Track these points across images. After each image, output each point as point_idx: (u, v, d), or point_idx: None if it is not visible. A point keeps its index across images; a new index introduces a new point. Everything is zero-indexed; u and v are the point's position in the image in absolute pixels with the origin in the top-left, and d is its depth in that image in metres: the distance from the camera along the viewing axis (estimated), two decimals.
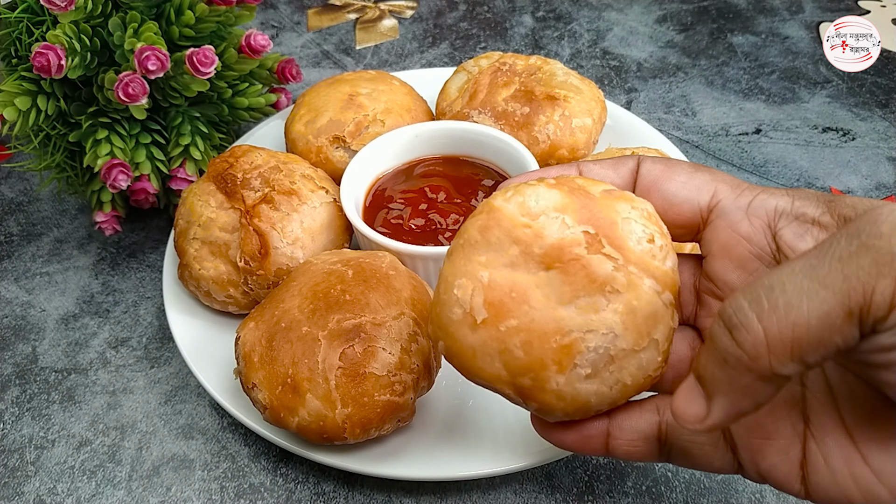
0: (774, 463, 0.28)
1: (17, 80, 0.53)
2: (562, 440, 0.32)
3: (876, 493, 0.25)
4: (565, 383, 0.28)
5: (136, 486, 0.48)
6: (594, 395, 0.29)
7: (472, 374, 0.30)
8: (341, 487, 0.47)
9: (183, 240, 0.52)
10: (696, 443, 0.29)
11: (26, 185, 0.72)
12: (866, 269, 0.22)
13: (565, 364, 0.28)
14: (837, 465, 0.26)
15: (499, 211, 0.29)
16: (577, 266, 0.28)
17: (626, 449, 0.30)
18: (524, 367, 0.28)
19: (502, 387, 0.29)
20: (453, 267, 0.30)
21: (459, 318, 0.29)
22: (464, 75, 0.64)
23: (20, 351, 0.57)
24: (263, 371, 0.43)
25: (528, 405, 0.30)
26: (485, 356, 0.29)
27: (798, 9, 0.90)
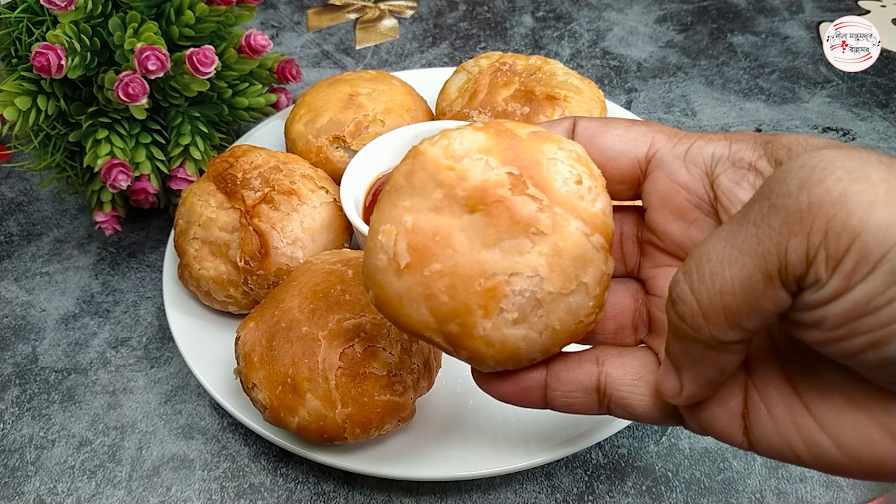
0: (715, 413, 0.27)
1: (17, 80, 0.53)
2: (500, 392, 0.31)
3: (819, 443, 0.25)
4: (492, 328, 0.28)
5: (136, 486, 0.48)
6: (523, 340, 0.28)
7: (400, 322, 0.29)
8: (341, 487, 0.47)
9: (183, 240, 0.52)
10: (635, 395, 0.29)
11: (26, 185, 0.72)
12: (777, 230, 0.21)
13: (491, 308, 0.27)
14: (780, 414, 0.26)
15: (423, 155, 0.28)
16: (500, 208, 0.27)
17: (564, 401, 0.30)
18: (450, 312, 0.28)
19: (431, 334, 0.29)
20: (380, 214, 0.29)
21: (384, 264, 0.28)
22: (464, 75, 0.64)
23: (20, 351, 0.57)
24: (263, 371, 0.43)
25: (459, 353, 0.29)
26: (411, 302, 0.28)
27: (798, 9, 0.90)
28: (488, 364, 0.29)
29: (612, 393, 0.29)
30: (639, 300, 0.32)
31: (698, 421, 0.28)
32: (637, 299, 0.32)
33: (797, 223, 0.21)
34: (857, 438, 0.24)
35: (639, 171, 0.30)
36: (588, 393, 0.30)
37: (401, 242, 0.28)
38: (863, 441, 0.24)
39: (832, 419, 0.25)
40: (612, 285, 0.31)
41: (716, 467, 0.47)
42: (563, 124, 0.32)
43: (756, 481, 0.46)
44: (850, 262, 0.20)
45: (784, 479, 0.46)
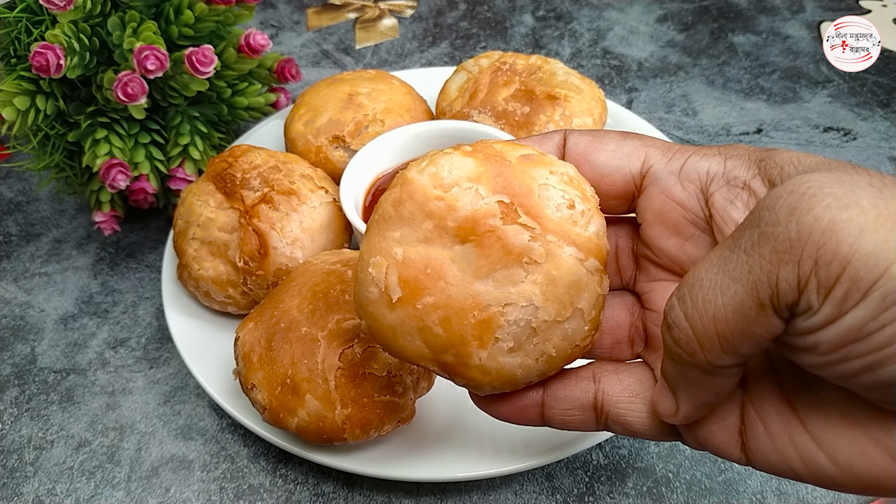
0: (712, 430, 0.27)
1: (15, 80, 0.53)
2: (498, 412, 0.31)
3: (816, 460, 0.25)
4: (488, 358, 0.28)
5: (135, 487, 0.48)
6: (519, 367, 0.28)
7: (395, 352, 0.29)
8: (341, 488, 0.47)
9: (182, 240, 0.52)
10: (632, 412, 0.29)
11: (25, 185, 0.72)
12: (768, 259, 0.22)
13: (486, 339, 0.27)
14: (777, 431, 0.26)
15: (412, 183, 0.28)
16: (492, 238, 0.27)
17: (562, 419, 0.30)
18: (445, 343, 0.28)
19: (426, 364, 0.29)
20: (369, 244, 0.29)
21: (376, 297, 0.28)
22: (464, 75, 0.64)
23: (19, 351, 0.57)
24: (263, 371, 0.43)
25: (456, 380, 0.29)
26: (405, 334, 0.28)
27: (799, 8, 0.90)
28: (485, 390, 0.29)
29: (609, 410, 0.29)
30: (635, 314, 0.32)
31: (695, 438, 0.28)
32: (633, 313, 0.32)
33: (787, 252, 0.21)
34: (854, 456, 0.24)
35: (633, 186, 0.30)
36: (585, 410, 0.30)
37: (392, 276, 0.28)
38: (860, 459, 0.24)
39: (829, 436, 0.25)
40: (608, 299, 0.31)
41: (716, 468, 0.47)
42: (553, 138, 0.31)
43: (757, 482, 0.46)
44: (841, 289, 0.20)
45: (785, 481, 0.46)
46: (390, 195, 0.29)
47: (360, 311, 0.29)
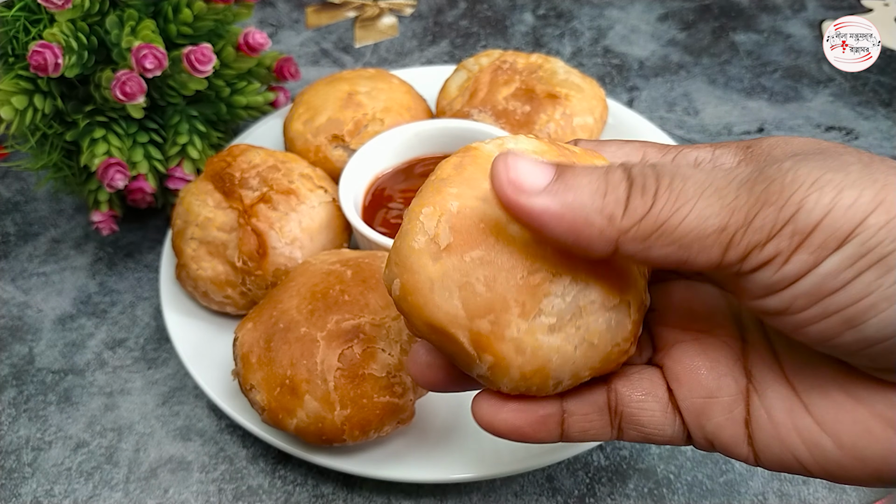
0: (720, 423, 0.27)
1: (13, 79, 0.52)
2: (513, 422, 0.28)
3: (820, 444, 0.24)
4: (527, 331, 0.26)
5: (133, 488, 0.47)
6: (556, 352, 0.26)
7: (425, 314, 0.26)
8: (340, 489, 0.47)
9: (180, 239, 0.52)
10: (645, 410, 0.28)
11: (23, 185, 0.72)
12: (755, 196, 0.22)
13: (529, 308, 0.26)
14: (780, 417, 0.25)
15: (476, 150, 0.28)
16: None
17: (582, 425, 0.29)
18: (485, 306, 0.26)
19: (456, 331, 0.26)
20: (422, 199, 0.27)
21: (422, 245, 0.26)
22: (464, 73, 0.64)
23: (17, 352, 0.57)
24: (261, 372, 0.42)
25: (482, 359, 0.26)
26: (443, 290, 0.26)
27: (801, 7, 0.90)
28: (511, 377, 0.27)
29: (622, 410, 0.29)
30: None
31: (704, 433, 0.27)
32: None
33: (777, 194, 0.21)
34: (858, 435, 0.24)
35: None
36: (602, 414, 0.29)
37: (444, 224, 0.26)
38: (864, 437, 0.24)
39: (831, 416, 0.24)
40: None
41: (718, 469, 0.46)
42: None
43: (759, 483, 0.46)
44: (819, 236, 0.21)
45: (787, 482, 0.46)
46: (451, 160, 0.28)
47: (398, 267, 0.27)
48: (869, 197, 0.21)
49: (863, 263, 0.21)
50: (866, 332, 0.21)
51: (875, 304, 0.21)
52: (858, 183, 0.21)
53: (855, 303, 0.21)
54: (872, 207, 0.21)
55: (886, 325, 0.21)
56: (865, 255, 0.21)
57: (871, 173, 0.21)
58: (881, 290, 0.21)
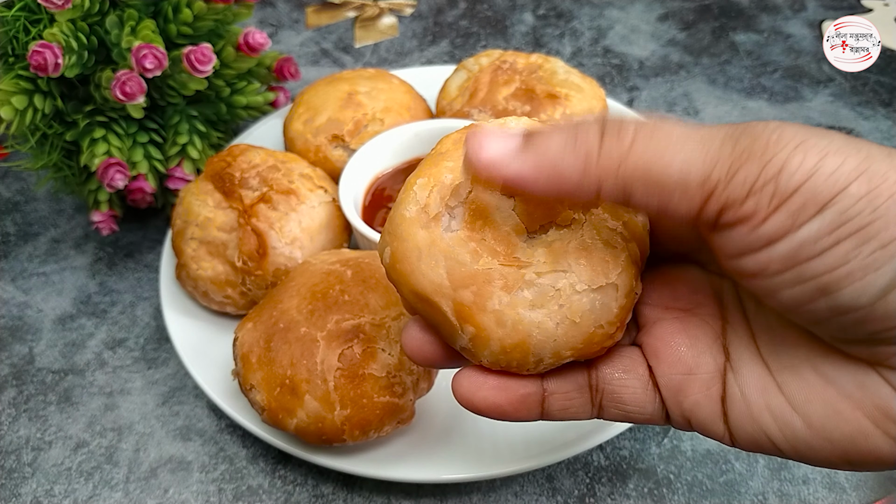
0: (697, 400, 0.27)
1: (13, 79, 0.52)
2: (493, 400, 0.28)
3: (791, 424, 0.25)
4: (508, 304, 0.26)
5: (133, 488, 0.47)
6: (537, 328, 0.26)
7: (411, 282, 0.27)
8: (340, 489, 0.47)
9: (180, 239, 0.52)
10: (626, 387, 0.28)
11: (23, 185, 0.72)
12: (739, 151, 0.21)
13: (513, 281, 0.26)
14: (753, 396, 0.26)
15: (476, 126, 0.28)
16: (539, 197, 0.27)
17: (563, 403, 0.29)
18: (469, 276, 0.26)
19: (440, 300, 0.26)
20: (419, 171, 0.28)
21: (413, 214, 0.27)
22: (464, 73, 0.64)
23: (17, 352, 0.57)
24: (261, 372, 0.42)
25: (464, 330, 0.27)
26: (430, 258, 0.26)
27: (801, 7, 0.90)
28: (491, 350, 0.27)
29: (603, 388, 0.28)
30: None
31: (682, 410, 0.27)
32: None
33: (761, 151, 0.21)
34: (827, 415, 0.24)
35: None
36: (582, 391, 0.29)
37: (435, 194, 0.27)
38: (833, 418, 0.24)
39: (802, 396, 0.24)
40: None
41: (718, 469, 0.46)
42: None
43: (759, 483, 0.45)
44: (799, 199, 0.21)
45: (787, 481, 0.46)
46: (451, 136, 0.28)
47: (389, 236, 0.28)
48: (852, 165, 0.21)
49: (842, 232, 0.21)
50: (840, 301, 0.21)
51: (851, 273, 0.21)
52: (843, 150, 0.21)
53: (831, 271, 0.21)
54: (855, 176, 0.21)
55: (860, 294, 0.21)
56: (844, 223, 0.21)
57: (856, 144, 0.21)
58: (858, 259, 0.21)
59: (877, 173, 0.21)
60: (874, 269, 0.21)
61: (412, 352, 0.29)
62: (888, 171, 0.21)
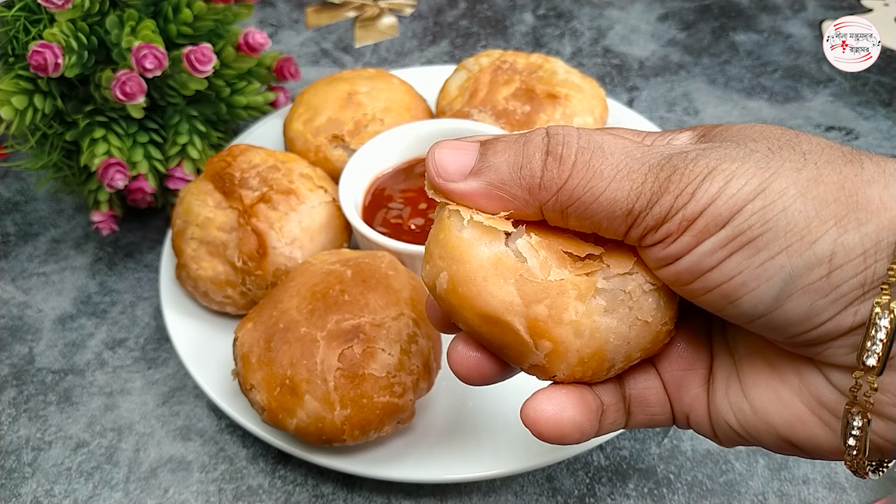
0: (697, 394, 0.28)
1: (13, 79, 0.52)
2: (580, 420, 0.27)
3: (742, 410, 0.27)
4: (585, 314, 0.26)
5: (133, 488, 0.47)
6: (613, 333, 0.26)
7: (478, 304, 0.26)
8: (340, 489, 0.47)
9: (180, 239, 0.52)
10: (650, 388, 0.29)
11: (23, 185, 0.71)
12: (660, 183, 0.24)
13: (585, 291, 0.26)
14: (720, 386, 0.28)
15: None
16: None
17: (613, 414, 0.29)
18: (541, 290, 0.25)
19: (512, 319, 0.26)
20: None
21: (470, 235, 0.26)
22: (464, 73, 0.64)
23: (17, 352, 0.57)
24: (262, 372, 0.42)
25: (539, 346, 0.26)
26: (497, 278, 0.25)
27: (801, 7, 0.90)
28: (568, 362, 0.26)
29: (630, 393, 0.29)
30: None
31: (682, 405, 0.29)
32: None
33: (675, 183, 0.23)
34: (770, 400, 0.26)
35: None
36: (619, 401, 0.29)
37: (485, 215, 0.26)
38: (774, 402, 0.26)
39: (751, 383, 0.27)
40: None
41: (718, 469, 0.46)
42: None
43: (758, 483, 0.45)
44: (702, 222, 0.23)
45: (787, 481, 0.46)
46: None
47: (443, 260, 0.26)
48: (753, 185, 0.22)
49: (733, 245, 0.23)
50: (742, 308, 0.24)
51: (745, 283, 0.23)
52: (750, 171, 0.23)
53: (728, 280, 0.23)
54: (754, 195, 0.22)
55: (758, 303, 0.23)
56: (736, 237, 0.23)
57: (769, 161, 0.23)
58: (749, 269, 0.23)
59: (774, 190, 0.22)
60: (766, 279, 0.23)
61: (467, 372, 0.29)
62: (787, 187, 0.22)
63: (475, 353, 0.28)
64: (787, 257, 0.22)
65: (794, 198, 0.22)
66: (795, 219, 0.22)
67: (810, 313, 0.23)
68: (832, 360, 0.24)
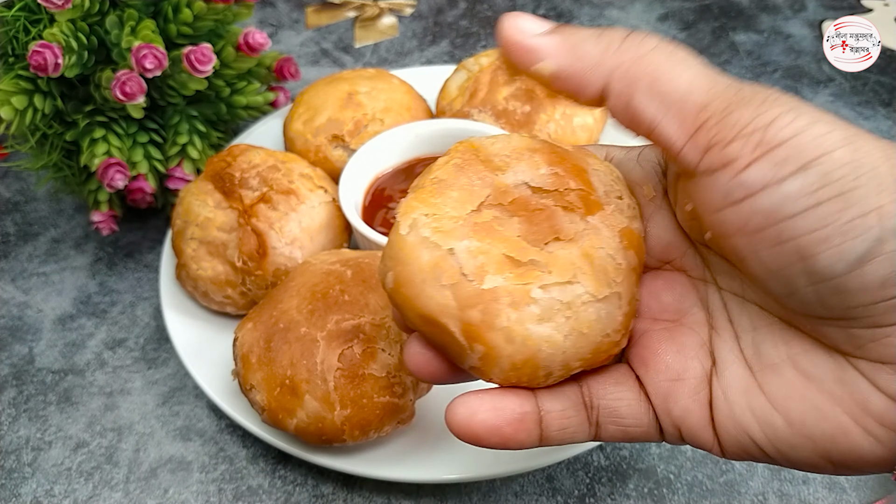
0: (686, 406, 0.26)
1: (13, 79, 0.52)
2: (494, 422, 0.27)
3: (772, 423, 0.24)
4: (517, 321, 0.26)
5: (133, 488, 0.47)
6: (546, 341, 0.26)
7: (418, 305, 0.27)
8: (340, 490, 0.47)
9: (180, 240, 0.52)
10: (622, 399, 0.28)
11: (23, 185, 0.71)
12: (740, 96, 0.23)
13: (519, 298, 0.26)
14: (736, 397, 0.25)
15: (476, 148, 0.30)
16: (541, 216, 0.27)
17: (560, 422, 0.28)
18: (475, 295, 0.26)
19: (447, 321, 0.26)
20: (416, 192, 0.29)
21: (414, 238, 0.27)
22: (464, 73, 0.64)
23: (17, 352, 0.57)
24: (261, 372, 0.42)
25: (473, 349, 0.26)
26: (435, 282, 0.26)
27: (801, 7, 0.90)
28: (501, 367, 0.27)
29: (598, 403, 0.28)
30: None
31: (672, 418, 0.27)
32: None
33: (758, 102, 0.22)
34: (807, 412, 0.24)
35: None
36: (578, 409, 0.28)
37: (436, 217, 0.27)
38: (812, 414, 0.24)
39: (783, 394, 0.24)
40: None
41: (718, 469, 0.46)
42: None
43: (759, 483, 0.46)
44: (783, 152, 0.21)
45: (787, 482, 0.46)
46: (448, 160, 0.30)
47: (391, 259, 0.27)
48: (840, 135, 0.21)
49: (823, 193, 0.21)
50: (816, 266, 0.21)
51: (829, 238, 0.21)
52: (833, 123, 0.22)
53: (810, 232, 0.21)
54: (841, 144, 0.21)
55: (837, 261, 0.21)
56: (827, 185, 0.21)
57: (846, 124, 0.22)
58: (837, 224, 0.21)
59: (861, 147, 0.21)
60: (852, 236, 0.21)
61: (417, 369, 0.29)
62: (872, 148, 0.21)
63: (427, 351, 0.28)
64: (878, 218, 0.20)
65: (881, 160, 0.21)
66: (885, 181, 0.21)
67: (887, 281, 0.21)
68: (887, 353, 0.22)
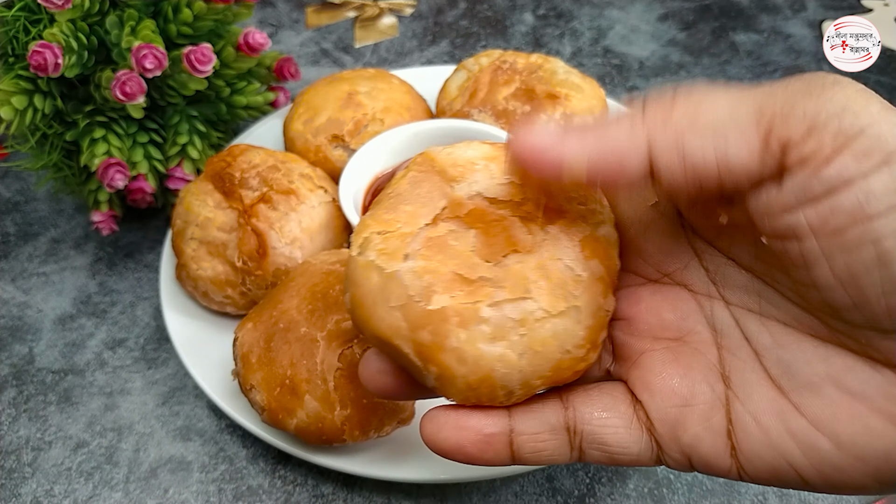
0: (697, 433, 0.24)
1: (13, 79, 0.52)
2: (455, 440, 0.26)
3: (816, 446, 0.23)
4: (467, 341, 0.25)
5: (133, 488, 0.47)
6: (499, 361, 0.25)
7: (371, 327, 0.26)
8: (340, 490, 0.47)
9: (180, 240, 0.52)
10: (607, 427, 0.26)
11: (23, 185, 0.71)
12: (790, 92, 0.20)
13: (468, 317, 0.25)
14: (770, 422, 0.23)
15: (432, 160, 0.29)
16: (497, 228, 0.26)
17: (533, 445, 0.26)
18: (424, 316, 0.25)
19: (401, 343, 0.26)
20: (371, 213, 0.28)
21: (366, 259, 0.26)
22: (464, 73, 0.64)
23: (17, 352, 0.57)
24: (261, 372, 0.42)
25: (429, 370, 0.26)
26: (385, 303, 0.26)
27: (801, 7, 0.90)
28: (457, 387, 0.26)
29: (582, 429, 0.26)
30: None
31: (681, 447, 0.25)
32: None
33: (818, 89, 0.19)
34: (858, 432, 0.22)
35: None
36: (557, 433, 0.26)
37: (388, 238, 0.27)
38: (864, 434, 0.22)
39: (827, 415, 0.23)
40: None
41: None
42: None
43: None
44: (864, 142, 0.18)
45: None
46: (406, 175, 0.29)
47: (348, 280, 0.27)
48: None
49: None
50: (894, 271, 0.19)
51: None
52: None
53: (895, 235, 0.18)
54: None
55: None
56: None
57: None
58: None
59: None
60: None
61: (368, 382, 0.28)
62: None
63: (378, 364, 0.28)
64: None
65: None
66: None
67: None
68: None
